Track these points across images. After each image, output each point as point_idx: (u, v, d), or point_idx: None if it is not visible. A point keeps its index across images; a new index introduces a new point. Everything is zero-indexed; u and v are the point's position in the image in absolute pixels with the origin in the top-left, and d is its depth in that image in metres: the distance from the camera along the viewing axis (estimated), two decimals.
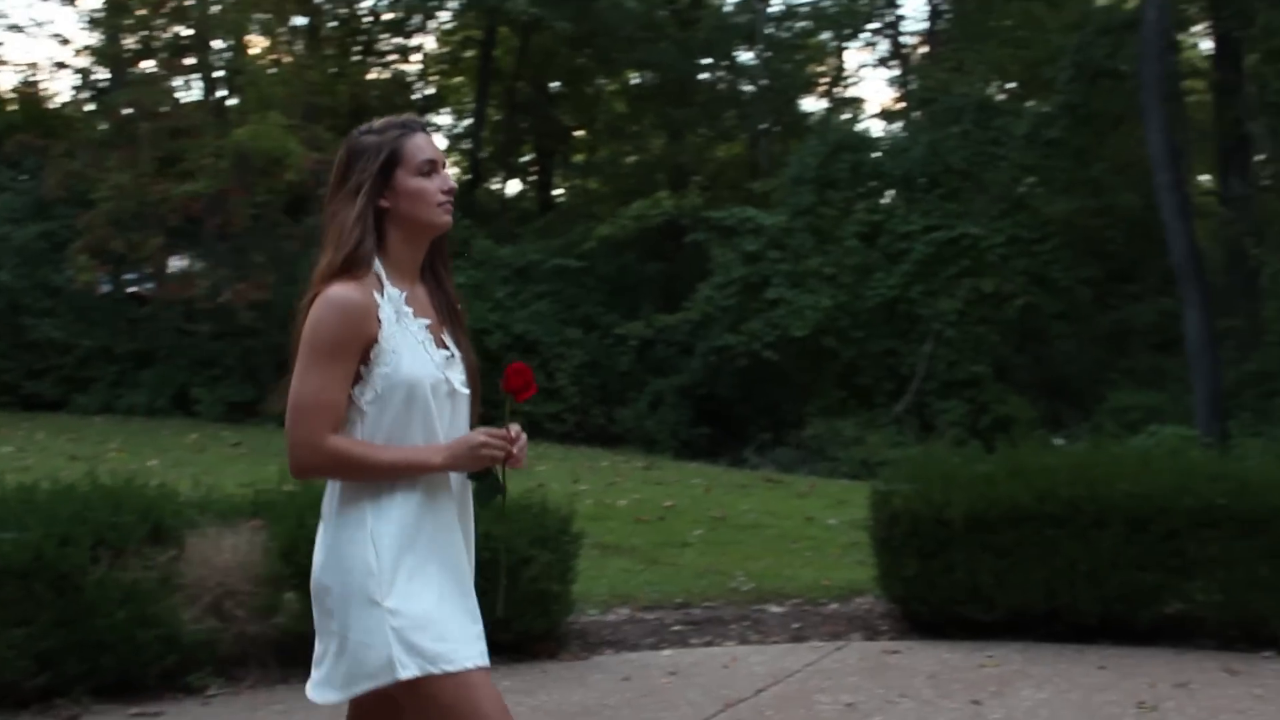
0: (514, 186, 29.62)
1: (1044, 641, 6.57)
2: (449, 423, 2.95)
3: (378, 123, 3.01)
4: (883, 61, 28.86)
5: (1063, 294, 18.70)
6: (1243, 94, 15.82)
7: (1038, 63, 21.01)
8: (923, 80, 23.00)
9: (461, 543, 2.97)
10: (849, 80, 30.31)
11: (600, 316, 20.22)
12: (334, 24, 24.32)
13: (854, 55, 29.61)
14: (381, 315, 2.85)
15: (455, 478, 2.95)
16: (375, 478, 2.85)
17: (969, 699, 5.68)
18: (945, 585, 6.55)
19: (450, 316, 3.06)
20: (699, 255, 20.08)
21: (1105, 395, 17.39)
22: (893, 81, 28.28)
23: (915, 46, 27.47)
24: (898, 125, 24.43)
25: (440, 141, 27.25)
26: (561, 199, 29.16)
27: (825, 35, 28.52)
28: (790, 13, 27.64)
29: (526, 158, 29.13)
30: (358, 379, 2.85)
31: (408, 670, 2.75)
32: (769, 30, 26.11)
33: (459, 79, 28.35)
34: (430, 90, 27.63)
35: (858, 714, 5.51)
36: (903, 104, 25.75)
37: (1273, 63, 15.12)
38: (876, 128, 25.62)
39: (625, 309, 20.21)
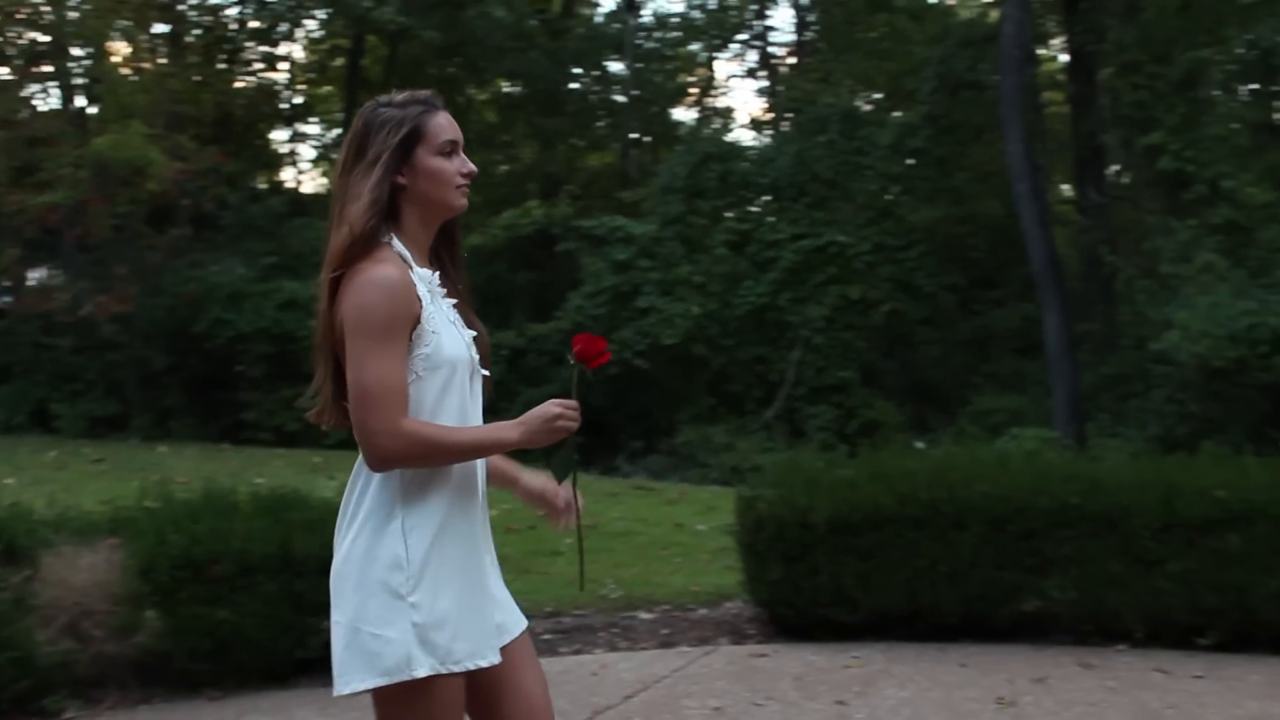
0: None
1: (907, 641, 6.70)
2: (474, 406, 2.90)
3: (398, 96, 2.91)
4: (751, 72, 29.15)
5: (927, 300, 19.05)
6: (1096, 106, 16.27)
7: (902, 74, 21.39)
8: (790, 91, 23.29)
9: (487, 534, 2.94)
10: (719, 90, 30.56)
11: None
12: (198, 32, 23.87)
13: (724, 66, 29.88)
14: (420, 294, 2.78)
15: (480, 467, 2.90)
16: (454, 459, 2.79)
17: (834, 700, 5.77)
18: (810, 588, 6.65)
19: (471, 303, 3.01)
20: (570, 264, 20.09)
21: (969, 399, 17.75)
22: (762, 92, 28.57)
23: (784, 57, 27.81)
24: (768, 135, 24.68)
25: (309, 152, 26.96)
26: None
27: (695, 46, 28.74)
28: (661, 23, 27.83)
29: None
30: None
31: (422, 668, 2.70)
32: (639, 40, 26.25)
33: (327, 88, 28.01)
34: (298, 99, 27.26)
35: (724, 718, 5.57)
36: (771, 114, 26.03)
37: (1125, 76, 15.58)
38: (747, 137, 25.83)
39: (497, 318, 20.11)
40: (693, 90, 29.69)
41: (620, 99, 25.84)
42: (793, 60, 26.66)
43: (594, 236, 19.27)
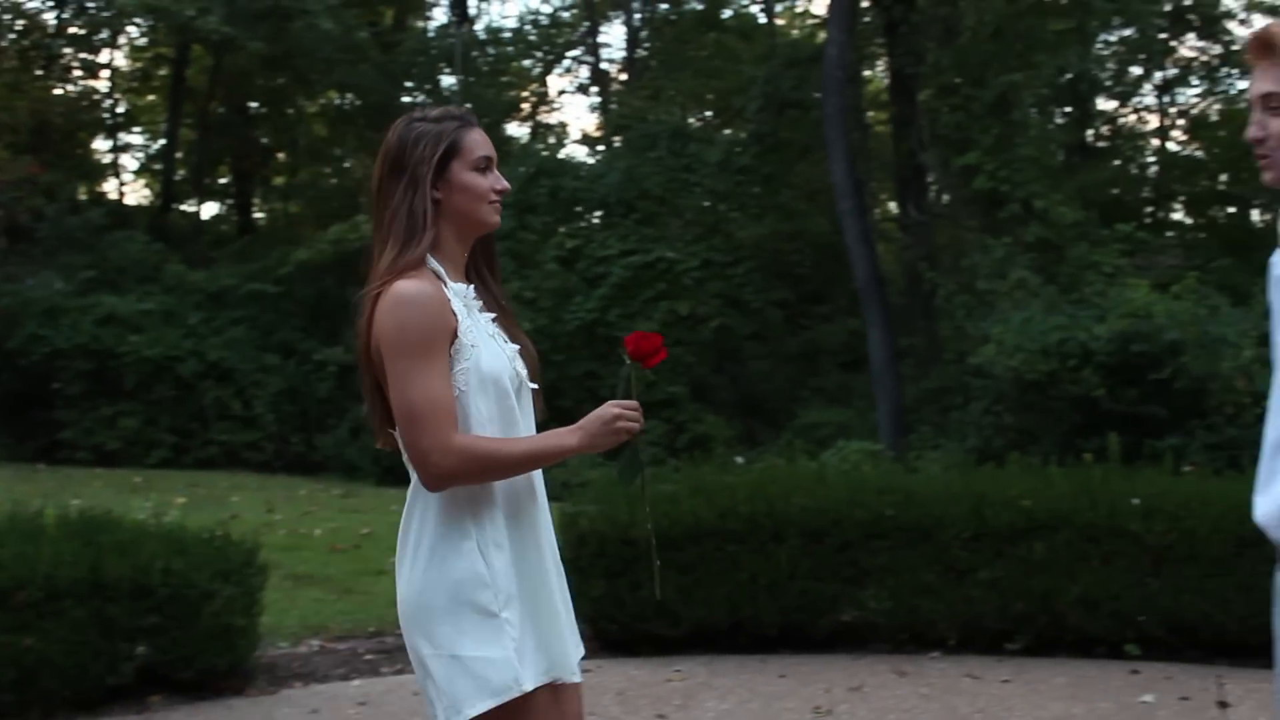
0: (211, 209, 28.77)
1: (729, 654, 6.78)
2: (522, 421, 2.82)
3: (432, 111, 2.85)
4: (582, 88, 29.24)
5: (755, 316, 19.31)
6: (916, 127, 16.71)
7: (730, 92, 21.69)
8: (620, 108, 23.44)
9: (552, 544, 2.86)
10: (552, 106, 30.60)
11: (299, 342, 19.78)
12: (14, 36, 23.10)
13: (558, 81, 29.91)
14: (455, 308, 2.72)
15: (539, 475, 2.83)
16: (512, 471, 2.72)
17: (654, 713, 5.82)
18: (633, 603, 6.69)
19: (511, 315, 2.93)
20: None
21: (797, 413, 18.03)
22: (594, 108, 28.68)
23: (616, 74, 27.96)
24: (600, 151, 24.80)
25: (132, 163, 26.20)
26: (262, 222, 28.45)
27: (528, 61, 28.76)
28: (494, 37, 27.79)
29: (224, 180, 28.31)
30: None
31: (528, 682, 2.67)
32: (474, 54, 26.16)
33: (151, 98, 27.34)
34: (121, 108, 26.55)
35: None
36: (602, 131, 26.17)
37: (942, 98, 16.02)
38: (580, 153, 25.92)
39: (325, 334, 19.84)
40: (525, 105, 29.69)
41: None
42: (624, 77, 26.85)
43: None
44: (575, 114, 39.64)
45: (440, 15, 28.26)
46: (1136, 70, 25.05)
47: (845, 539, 6.66)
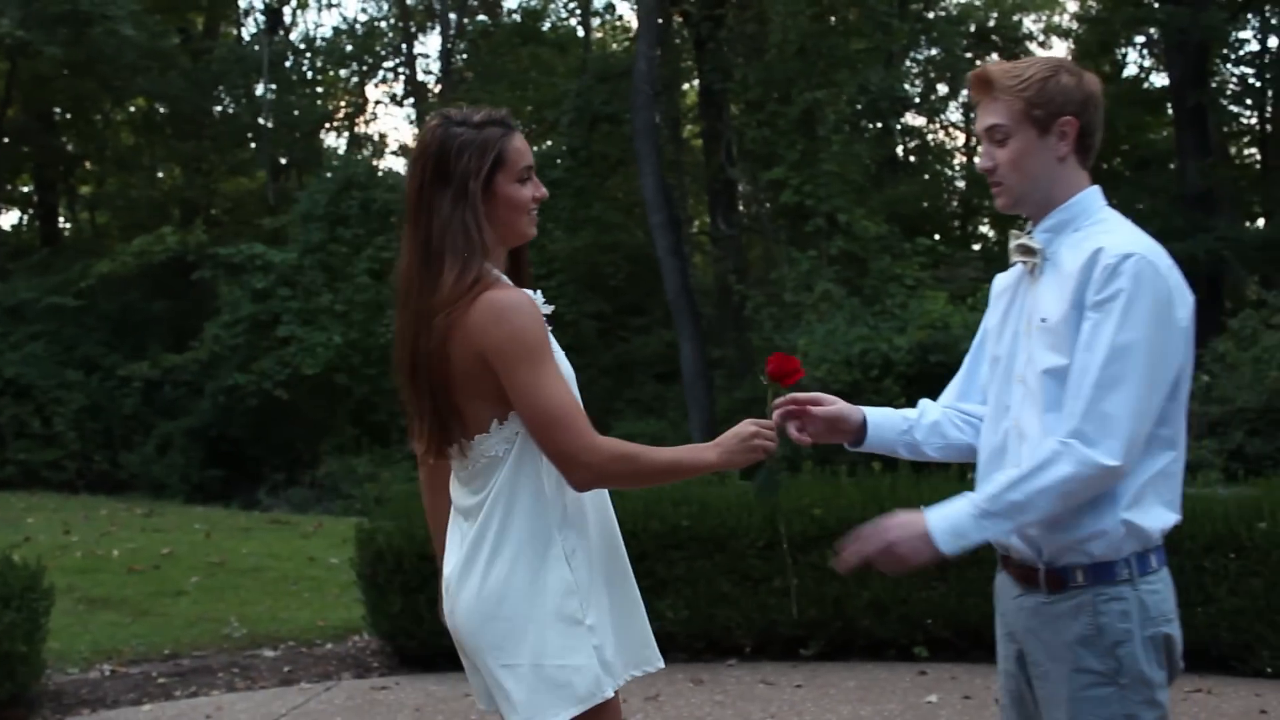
0: (11, 218, 27.74)
1: None
2: None
3: (474, 115, 2.74)
4: (396, 99, 28.93)
5: (569, 328, 19.37)
6: (726, 141, 16.98)
7: (544, 105, 21.73)
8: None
9: (623, 547, 2.85)
10: (368, 117, 30.26)
11: (102, 357, 19.19)
12: None
13: (375, 92, 29.59)
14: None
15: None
16: (655, 479, 2.75)
17: None
18: (431, 619, 6.63)
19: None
20: (210, 293, 19.50)
21: (611, 424, 18.14)
22: (411, 120, 28.45)
23: (432, 86, 27.77)
24: None
25: None
26: (68, 233, 27.53)
27: (344, 72, 28.40)
28: (309, 46, 27.38)
29: (26, 188, 27.30)
30: None
31: (608, 689, 2.65)
32: (287, 63, 25.74)
33: None
34: None
35: None
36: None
37: (750, 114, 16.31)
38: (398, 165, 25.70)
39: (130, 349, 19.30)
40: (340, 116, 29.31)
41: (267, 123, 25.21)
42: (440, 88, 26.67)
43: (232, 264, 18.75)
44: (394, 125, 39.33)
45: (255, 23, 27.74)
46: (943, 89, 25.93)
47: (642, 549, 6.71)
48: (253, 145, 26.23)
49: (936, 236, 20.16)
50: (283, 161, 26.46)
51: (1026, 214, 2.76)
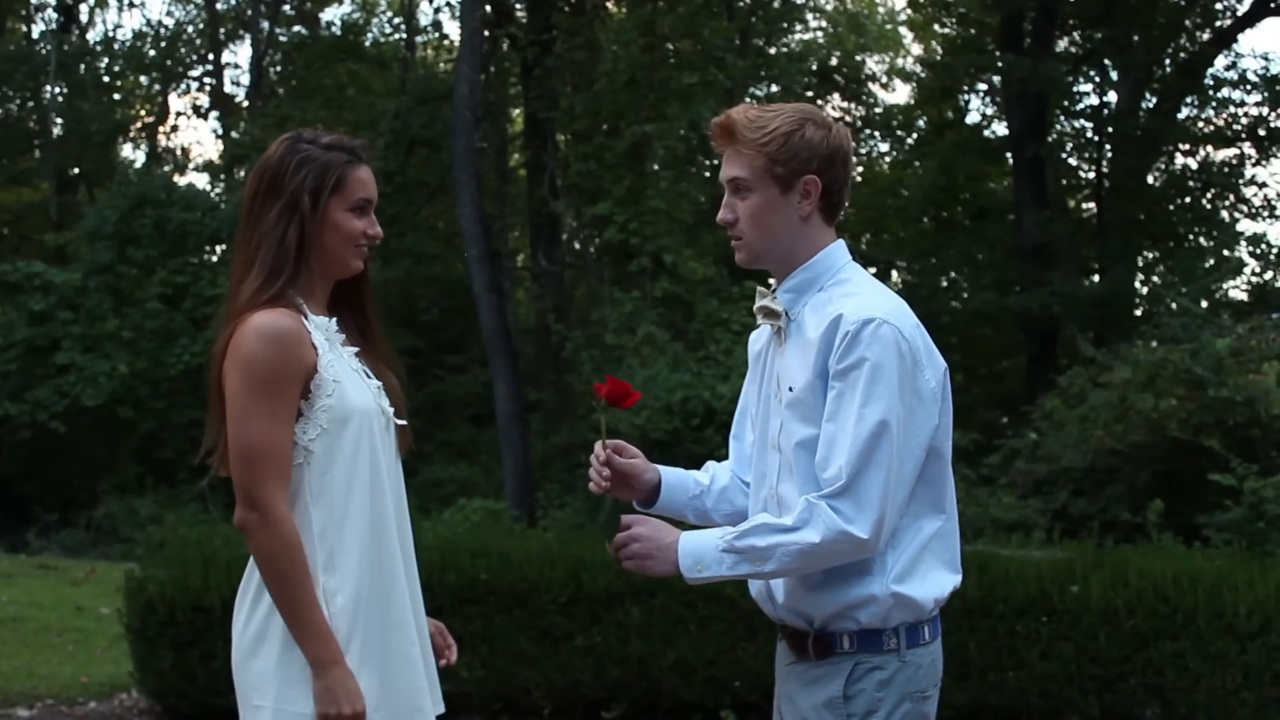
0: None
1: None
2: (391, 459, 2.80)
3: (323, 137, 2.81)
4: (199, 111, 28.40)
5: None
6: (550, 173, 17.05)
7: (360, 125, 21.56)
8: (242, 135, 22.96)
9: (414, 587, 2.88)
10: (170, 129, 29.62)
11: None
12: None
13: (178, 101, 28.94)
14: (315, 342, 2.67)
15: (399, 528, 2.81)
16: (280, 597, 2.65)
17: None
18: (205, 675, 6.55)
19: (384, 351, 2.91)
20: None
21: (419, 468, 18.01)
22: (217, 134, 27.93)
23: (241, 98, 27.34)
24: (221, 180, 24.16)
25: None
26: None
27: (145, 79, 27.82)
28: (107, 49, 26.77)
29: None
30: (298, 416, 2.65)
31: None
32: (82, 66, 25.11)
33: None
34: None
35: None
36: (222, 159, 25.55)
37: (576, 146, 16.42)
38: (201, 181, 25.20)
39: None
40: (139, 126, 28.68)
41: (56, 131, 24.54)
42: (247, 103, 26.30)
43: (7, 283, 18.18)
44: (199, 139, 38.60)
45: (45, 21, 26.98)
46: None
47: (437, 604, 6.67)
48: (37, 153, 25.50)
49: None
50: (73, 173, 25.78)
51: (768, 270, 2.83)
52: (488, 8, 16.68)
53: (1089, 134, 21.88)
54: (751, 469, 2.90)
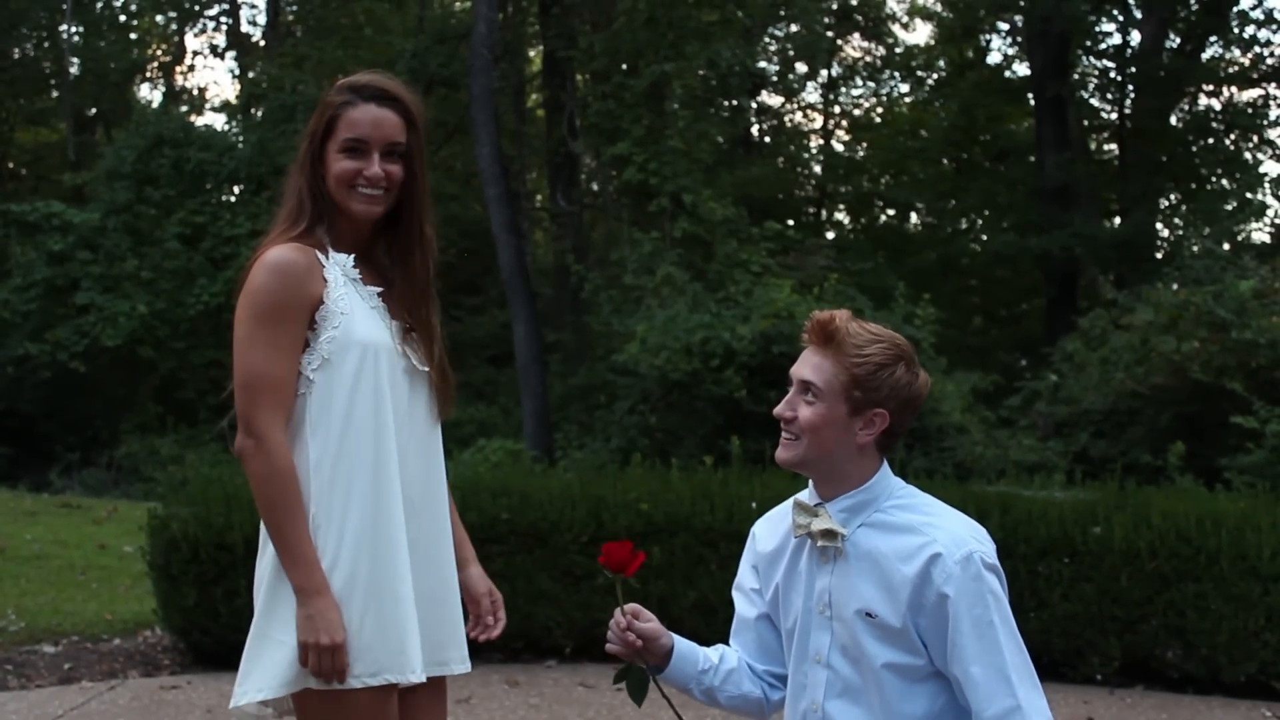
0: None
1: None
2: (406, 404, 2.79)
3: (359, 78, 2.82)
4: (215, 50, 28.27)
5: None
6: (569, 113, 16.97)
7: (378, 65, 21.43)
8: (259, 75, 22.87)
9: (439, 534, 3.01)
10: (186, 69, 29.52)
11: None
12: None
13: (194, 40, 28.78)
14: (327, 275, 2.69)
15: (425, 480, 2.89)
16: (272, 524, 2.69)
17: None
18: (228, 613, 6.57)
19: (415, 296, 2.85)
20: (1, 254, 18.93)
21: None
22: (234, 74, 27.84)
23: (258, 38, 27.20)
24: (238, 121, 24.09)
25: None
26: None
27: (160, 18, 27.69)
28: None
29: None
30: (305, 347, 2.68)
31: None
32: (98, 4, 25.02)
33: None
34: None
35: None
36: (239, 99, 25.46)
37: (596, 85, 16.33)
38: (219, 122, 25.12)
39: None
40: (156, 66, 28.58)
41: (72, 70, 24.48)
42: (264, 42, 26.17)
43: (26, 223, 18.19)
44: (215, 79, 38.46)
45: None
46: (802, 68, 26.24)
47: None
48: (54, 93, 25.45)
49: (790, 222, 20.41)
50: (90, 113, 25.73)
51: (808, 476, 2.80)
52: None
53: (1111, 74, 21.67)
54: (789, 671, 2.87)
